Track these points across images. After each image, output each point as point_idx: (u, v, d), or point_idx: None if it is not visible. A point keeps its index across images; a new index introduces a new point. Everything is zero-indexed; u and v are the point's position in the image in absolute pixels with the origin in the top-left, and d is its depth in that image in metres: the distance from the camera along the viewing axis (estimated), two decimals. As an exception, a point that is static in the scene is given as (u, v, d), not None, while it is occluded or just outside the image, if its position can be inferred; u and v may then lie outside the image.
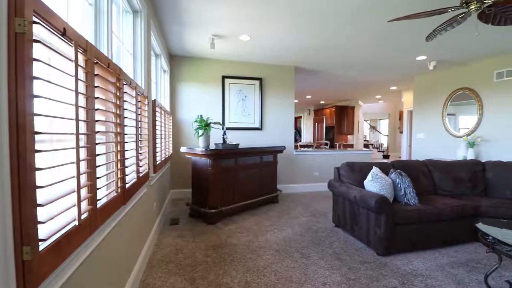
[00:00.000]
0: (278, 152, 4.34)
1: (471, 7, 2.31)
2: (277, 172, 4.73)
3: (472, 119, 4.95)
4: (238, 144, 3.75)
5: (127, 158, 1.65)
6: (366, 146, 12.68)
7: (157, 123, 2.89)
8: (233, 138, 4.69)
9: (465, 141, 4.81)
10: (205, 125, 3.35)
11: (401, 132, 9.20)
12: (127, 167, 1.65)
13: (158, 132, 2.93)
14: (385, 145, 13.41)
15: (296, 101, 10.55)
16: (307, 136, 13.54)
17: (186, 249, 2.64)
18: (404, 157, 7.77)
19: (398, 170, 3.01)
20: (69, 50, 1.00)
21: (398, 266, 2.35)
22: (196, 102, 4.69)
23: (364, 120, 13.03)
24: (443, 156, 5.42)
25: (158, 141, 2.93)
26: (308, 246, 2.74)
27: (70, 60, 0.99)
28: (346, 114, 10.70)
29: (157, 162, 2.85)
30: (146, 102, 2.28)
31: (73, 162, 0.99)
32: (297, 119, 14.94)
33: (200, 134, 3.37)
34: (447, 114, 5.51)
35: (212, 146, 3.61)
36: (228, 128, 4.74)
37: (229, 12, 2.98)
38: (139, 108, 2.06)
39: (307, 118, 13.59)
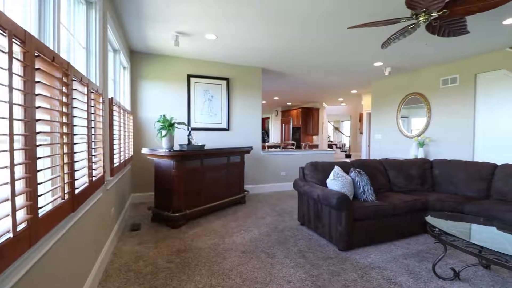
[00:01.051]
0: (245, 152, 4.33)
1: (420, 19, 2.52)
2: (245, 173, 4.73)
3: (422, 121, 5.43)
4: (204, 145, 3.67)
5: (77, 161, 1.52)
6: (330, 146, 13.25)
7: (115, 122, 2.71)
8: (199, 138, 4.59)
9: (416, 141, 5.25)
10: (168, 125, 3.22)
11: (361, 133, 9.77)
12: (77, 170, 1.51)
13: (116, 132, 2.75)
14: (347, 145, 14.15)
15: (264, 102, 10.67)
16: (275, 136, 13.76)
17: (147, 256, 2.51)
18: (364, 156, 8.26)
19: (358, 169, 3.18)
20: (3, 41, 0.89)
21: (358, 260, 2.48)
22: (160, 101, 4.50)
23: (328, 122, 13.62)
24: (397, 155, 5.86)
25: (116, 142, 2.74)
26: (274, 246, 2.77)
27: (3, 51, 0.88)
28: (311, 115, 11.08)
29: (115, 165, 2.67)
30: (101, 100, 2.12)
31: (6, 167, 0.88)
32: (265, 120, 15.12)
33: (163, 134, 3.24)
34: (401, 117, 5.98)
35: (176, 147, 3.49)
36: (194, 129, 4.63)
37: (193, 9, 2.90)
38: (92, 106, 1.91)
39: (274, 119, 13.81)
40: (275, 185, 5.49)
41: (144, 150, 3.41)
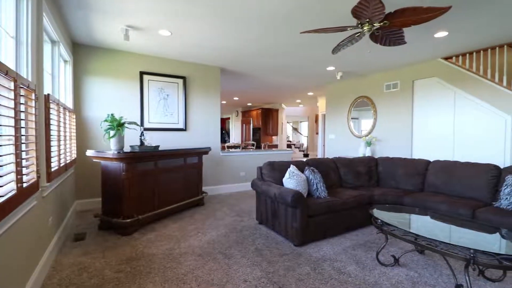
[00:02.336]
0: (203, 153, 4.24)
1: (364, 28, 2.73)
2: (203, 174, 4.63)
3: (370, 123, 5.91)
4: (158, 146, 3.50)
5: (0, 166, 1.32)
6: (289, 146, 13.69)
7: (53, 122, 2.43)
8: (154, 139, 4.37)
9: (364, 141, 5.69)
10: (117, 125, 3.00)
11: (317, 133, 10.28)
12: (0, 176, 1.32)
13: (54, 133, 2.47)
14: (305, 145, 14.76)
15: (224, 102, 10.59)
16: (235, 137, 13.75)
17: (92, 268, 2.30)
18: (319, 155, 8.70)
19: (312, 167, 3.33)
20: None
21: (311, 254, 2.59)
22: (108, 99, 4.17)
23: (287, 122, 14.06)
24: (349, 153, 6.28)
25: (54, 143, 2.47)
26: (232, 246, 2.76)
27: None
28: (271, 116, 11.33)
29: (53, 169, 2.40)
30: (33, 97, 1.88)
31: None
32: (225, 120, 15.02)
33: (111, 135, 3.00)
34: (352, 118, 6.43)
35: (127, 149, 3.27)
36: (147, 129, 4.39)
37: (144, 2, 2.75)
38: (22, 104, 1.68)
39: (235, 119, 13.81)
40: (235, 185, 5.48)
41: (89, 152, 3.13)
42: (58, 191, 2.73)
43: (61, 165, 2.72)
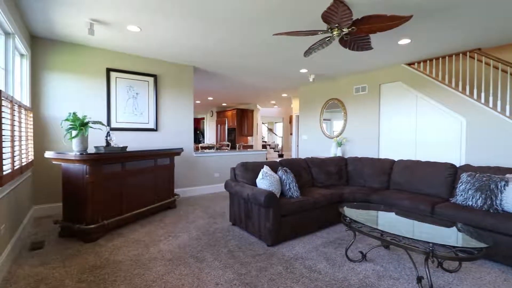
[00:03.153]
0: (175, 154, 4.12)
1: (334, 33, 2.82)
2: (175, 176, 4.50)
3: (341, 124, 6.12)
4: (126, 146, 3.34)
5: None
6: (264, 146, 13.78)
7: (5, 121, 2.22)
8: (122, 140, 4.18)
9: (335, 141, 5.89)
10: (80, 125, 2.81)
11: (291, 134, 10.47)
12: None
13: (6, 132, 2.26)
14: (280, 146, 14.95)
15: (198, 102, 10.41)
16: (210, 137, 13.57)
17: (51, 278, 2.13)
18: (293, 155, 8.86)
19: (285, 168, 3.37)
20: None
21: (284, 253, 2.62)
22: (71, 97, 3.90)
23: (263, 123, 14.16)
24: (321, 154, 6.46)
25: (7, 144, 2.25)
26: (204, 249, 2.70)
27: None
28: (246, 116, 11.34)
29: (6, 172, 2.19)
30: (-21, 93, 1.70)
31: None
32: (200, 120, 14.78)
33: (73, 135, 2.81)
34: (325, 119, 6.62)
35: (91, 150, 3.08)
36: (115, 129, 4.17)
37: (110, -4, 2.61)
38: (-35, 99, 1.51)
39: (210, 119, 13.63)
40: (208, 187, 5.39)
41: (48, 154, 2.90)
42: (11, 197, 2.49)
43: (16, 168, 2.49)
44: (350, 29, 2.75)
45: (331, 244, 2.87)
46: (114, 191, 3.15)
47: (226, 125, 11.75)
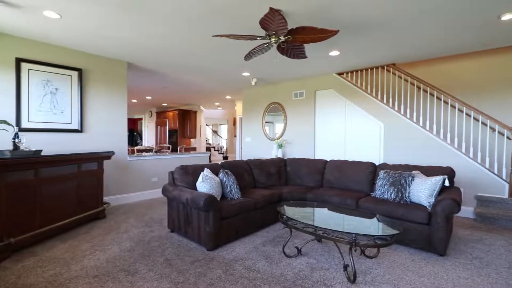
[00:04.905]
0: (104, 158, 3.72)
1: (272, 40, 2.94)
2: (105, 182, 4.06)
3: (281, 127, 6.42)
4: (41, 150, 2.87)
5: None
6: (208, 149, 13.54)
7: None
8: (36, 142, 3.60)
9: (276, 143, 6.15)
10: (-25, 124, 2.31)
11: (235, 136, 10.54)
12: None
13: None
14: (225, 148, 14.90)
15: (135, 101, 9.66)
16: (149, 139, 12.71)
17: None
18: (237, 157, 8.93)
19: (226, 170, 3.36)
20: None
21: (224, 256, 2.59)
22: (-36, 90, 3.19)
23: (207, 125, 13.91)
24: (264, 155, 6.66)
25: None
26: (138, 261, 2.50)
27: None
28: (189, 118, 10.96)
29: None
30: None
31: None
32: (137, 121, 13.74)
33: (-35, 137, 2.28)
34: (268, 122, 6.85)
35: (-8, 154, 2.55)
36: (27, 130, 3.56)
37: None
38: None
39: (149, 120, 12.76)
40: (145, 192, 5.02)
41: None
42: None
43: None
44: (286, 38, 2.90)
45: (270, 242, 2.96)
46: (25, 203, 2.67)
47: (167, 126, 11.16)
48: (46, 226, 2.88)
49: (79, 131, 4.08)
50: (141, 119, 13.30)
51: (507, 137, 4.20)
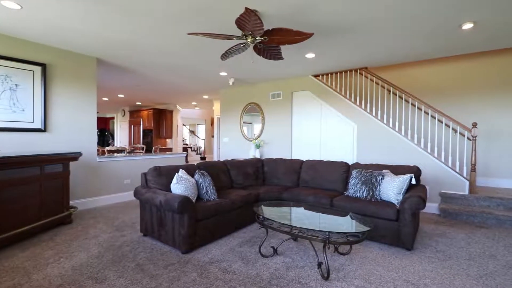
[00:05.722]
0: (70, 159, 3.49)
1: (248, 40, 2.93)
2: (72, 185, 3.82)
3: (259, 127, 6.44)
4: (-2, 151, 2.64)
5: None
6: (185, 149, 13.26)
7: None
8: (-8, 142, 3.30)
9: (254, 143, 6.15)
10: None
11: (213, 136, 10.41)
12: None
13: None
14: (202, 148, 14.67)
15: (106, 99, 9.21)
16: (122, 139, 12.19)
17: None
18: (215, 158, 8.82)
19: (202, 171, 3.30)
20: None
21: (199, 259, 2.54)
22: None
23: (184, 125, 13.60)
24: (241, 156, 6.64)
25: None
26: (107, 267, 2.37)
27: None
28: (164, 117, 10.66)
29: None
30: None
31: None
32: (109, 120, 13.13)
33: None
34: (246, 123, 6.83)
35: None
36: (-18, 129, 3.26)
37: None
38: None
39: (121, 119, 12.24)
40: (117, 195, 4.80)
41: None
42: None
43: None
44: (262, 38, 2.91)
45: (247, 243, 2.95)
46: (-24, 209, 2.44)
47: (141, 126, 10.77)
48: (4, 233, 2.65)
49: (43, 130, 3.80)
50: (113, 118, 12.72)
51: (468, 138, 4.54)
